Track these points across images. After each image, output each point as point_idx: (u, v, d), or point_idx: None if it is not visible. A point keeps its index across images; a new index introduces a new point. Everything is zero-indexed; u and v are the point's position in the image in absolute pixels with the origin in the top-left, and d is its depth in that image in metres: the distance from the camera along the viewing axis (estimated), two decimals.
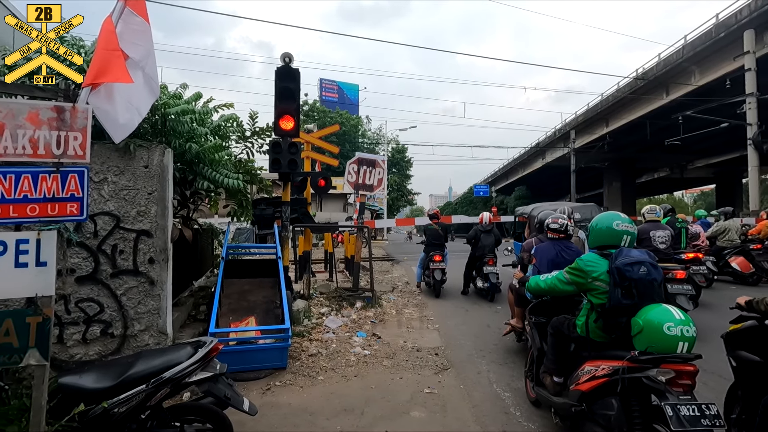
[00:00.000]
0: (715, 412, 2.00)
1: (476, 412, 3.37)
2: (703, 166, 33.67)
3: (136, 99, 3.16)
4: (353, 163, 8.10)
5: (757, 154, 14.37)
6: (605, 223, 2.72)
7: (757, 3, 15.11)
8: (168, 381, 2.16)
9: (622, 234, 2.65)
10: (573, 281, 2.74)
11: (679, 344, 2.14)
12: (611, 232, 2.68)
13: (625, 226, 2.66)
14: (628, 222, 2.70)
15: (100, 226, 3.64)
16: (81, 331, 3.58)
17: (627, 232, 2.65)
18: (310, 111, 39.20)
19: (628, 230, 2.66)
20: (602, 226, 2.72)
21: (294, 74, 5.79)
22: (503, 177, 50.16)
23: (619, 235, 2.65)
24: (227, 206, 6.26)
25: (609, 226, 2.69)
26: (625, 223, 2.68)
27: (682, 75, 19.72)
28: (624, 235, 2.65)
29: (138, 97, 3.17)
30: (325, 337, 5.24)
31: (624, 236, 2.65)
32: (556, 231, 4.22)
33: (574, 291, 2.82)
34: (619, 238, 2.65)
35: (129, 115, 3.11)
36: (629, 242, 2.65)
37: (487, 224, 8.13)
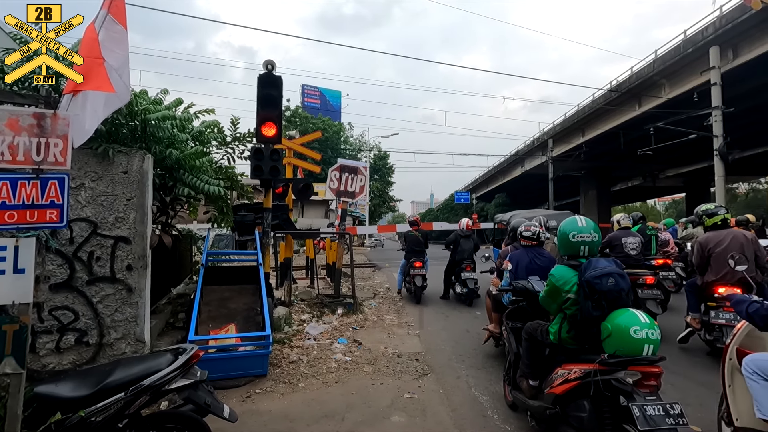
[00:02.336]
0: (678, 411, 2.11)
1: (455, 415, 3.43)
2: (674, 175, 34.87)
3: (106, 105, 3.13)
4: (335, 170, 8.14)
5: (723, 165, 14.99)
6: (565, 231, 2.79)
7: (722, 21, 15.88)
8: (147, 389, 2.15)
9: (578, 245, 2.71)
10: (553, 299, 2.78)
11: (644, 347, 2.24)
12: (569, 242, 2.75)
13: (580, 237, 2.71)
14: (586, 231, 2.72)
15: (76, 233, 3.58)
16: (54, 340, 3.51)
17: (583, 242, 2.70)
18: (293, 117, 39.07)
19: (584, 240, 2.70)
20: (563, 235, 2.80)
21: (276, 81, 5.82)
22: (484, 184, 50.88)
23: (577, 246, 2.72)
24: (207, 212, 6.21)
25: (566, 237, 2.76)
26: (582, 234, 2.72)
27: (653, 88, 20.49)
28: (581, 246, 2.70)
29: (108, 104, 3.14)
30: (306, 343, 5.23)
31: (581, 247, 2.70)
32: (529, 239, 4.38)
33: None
34: (577, 248, 2.72)
35: (94, 121, 3.09)
36: (588, 251, 2.70)
37: (466, 230, 8.27)
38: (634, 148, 22.90)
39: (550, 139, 29.52)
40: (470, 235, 8.25)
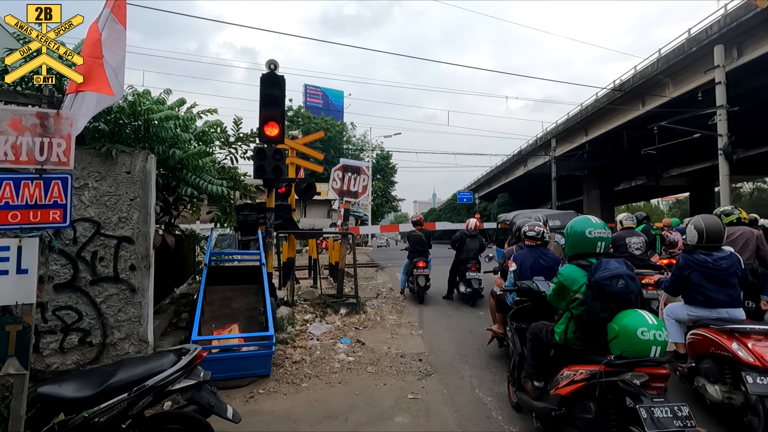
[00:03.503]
0: (687, 413, 2.09)
1: (459, 416, 3.41)
2: (678, 175, 34.71)
3: (98, 104, 3.12)
4: (338, 170, 8.13)
5: (728, 164, 14.87)
6: (578, 229, 2.73)
7: (726, 19, 15.77)
8: (151, 389, 2.14)
9: (596, 241, 2.66)
10: (561, 296, 2.75)
11: (652, 348, 2.22)
12: (585, 239, 2.69)
13: (597, 233, 2.66)
14: (600, 227, 2.70)
15: (79, 233, 3.58)
16: (58, 340, 3.51)
17: (600, 239, 2.66)
18: (295, 117, 39.09)
19: (601, 236, 2.66)
20: (576, 233, 2.74)
21: (279, 81, 5.80)
22: (486, 184, 50.77)
23: (594, 242, 2.66)
24: (210, 212, 6.21)
25: (582, 234, 2.70)
26: (598, 230, 2.68)
27: (657, 87, 20.38)
28: (598, 242, 2.66)
29: (100, 102, 3.13)
30: (309, 343, 5.23)
31: (598, 243, 2.66)
32: (533, 238, 4.35)
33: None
34: (594, 245, 2.66)
35: (84, 121, 3.07)
36: (604, 248, 2.66)
37: (473, 229, 8.24)
38: (638, 148, 22.77)
39: (552, 138, 29.42)
40: (476, 235, 8.22)
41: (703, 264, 3.40)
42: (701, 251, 3.46)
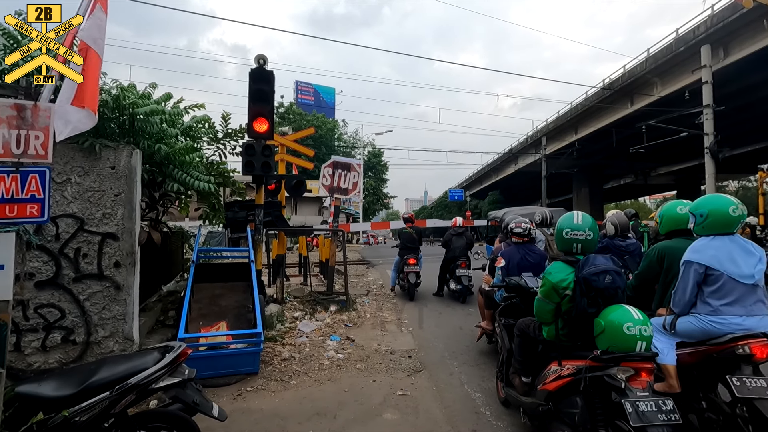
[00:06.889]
0: (671, 407, 2.11)
1: (447, 412, 3.42)
2: (665, 173, 35.20)
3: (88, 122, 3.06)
4: (328, 167, 8.09)
5: (714, 163, 15.09)
6: (559, 227, 2.76)
7: (713, 20, 16.00)
8: (133, 387, 2.10)
9: (571, 242, 2.68)
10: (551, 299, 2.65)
11: (637, 343, 2.23)
12: (562, 239, 2.73)
13: (573, 234, 2.67)
14: (579, 229, 2.68)
15: (62, 229, 3.51)
16: (40, 339, 3.44)
17: (576, 240, 2.67)
18: (286, 113, 38.83)
19: (577, 238, 2.66)
20: (558, 231, 2.77)
21: (268, 76, 5.74)
22: (477, 182, 51.01)
23: (569, 243, 2.69)
24: (199, 209, 6.14)
25: (560, 233, 2.74)
26: (575, 231, 2.67)
27: (646, 86, 20.62)
28: (573, 243, 2.67)
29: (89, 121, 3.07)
30: (299, 341, 5.19)
31: (573, 244, 2.67)
32: (520, 235, 4.37)
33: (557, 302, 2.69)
34: (570, 245, 2.69)
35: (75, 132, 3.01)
36: (581, 249, 2.67)
37: (459, 227, 8.27)
38: (627, 146, 23.03)
39: (543, 136, 29.62)
40: (462, 233, 8.25)
41: (618, 247, 4.42)
42: (618, 238, 4.50)
